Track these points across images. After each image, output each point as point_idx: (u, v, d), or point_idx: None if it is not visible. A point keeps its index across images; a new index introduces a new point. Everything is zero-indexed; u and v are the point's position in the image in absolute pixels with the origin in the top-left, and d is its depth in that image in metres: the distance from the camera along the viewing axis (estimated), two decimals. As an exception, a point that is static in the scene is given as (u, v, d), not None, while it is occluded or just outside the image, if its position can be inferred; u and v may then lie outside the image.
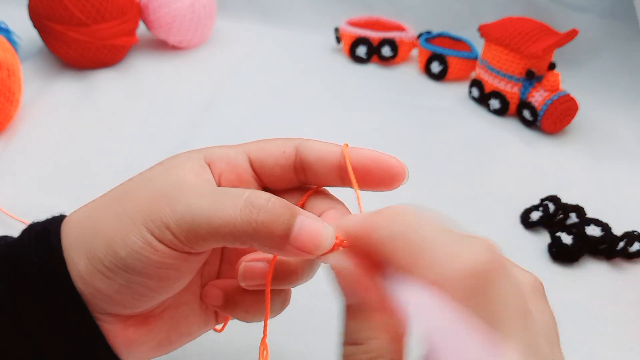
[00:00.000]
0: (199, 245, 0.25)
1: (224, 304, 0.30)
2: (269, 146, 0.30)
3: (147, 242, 0.24)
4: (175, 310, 0.29)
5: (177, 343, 0.30)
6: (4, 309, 0.25)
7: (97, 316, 0.26)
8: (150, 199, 0.25)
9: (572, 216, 0.52)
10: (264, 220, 0.24)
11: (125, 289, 0.25)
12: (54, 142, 0.61)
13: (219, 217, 0.24)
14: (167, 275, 0.26)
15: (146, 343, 0.28)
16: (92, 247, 0.25)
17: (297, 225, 0.24)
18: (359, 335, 0.22)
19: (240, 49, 0.82)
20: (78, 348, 0.26)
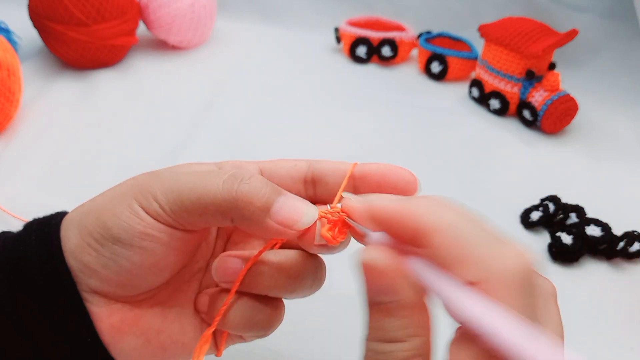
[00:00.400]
0: (183, 217, 0.25)
1: (208, 309, 0.29)
2: (282, 162, 0.31)
3: (134, 212, 0.25)
4: (168, 309, 0.29)
5: (170, 350, 0.29)
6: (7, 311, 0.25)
7: (85, 296, 0.26)
8: (144, 178, 0.27)
9: (572, 216, 0.52)
10: (245, 190, 0.25)
11: (111, 262, 0.26)
12: (54, 142, 0.61)
13: (202, 187, 0.25)
14: (153, 250, 0.26)
15: (133, 335, 0.28)
16: (85, 222, 0.26)
17: (280, 202, 0.25)
18: (398, 333, 0.21)
19: (240, 49, 0.82)
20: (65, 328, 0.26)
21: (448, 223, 0.21)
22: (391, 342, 0.21)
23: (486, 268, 0.20)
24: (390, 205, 0.23)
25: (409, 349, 0.21)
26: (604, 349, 0.42)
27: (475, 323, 0.19)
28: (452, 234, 0.21)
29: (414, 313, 0.22)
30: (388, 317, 0.22)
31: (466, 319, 0.20)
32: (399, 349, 0.21)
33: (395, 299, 0.22)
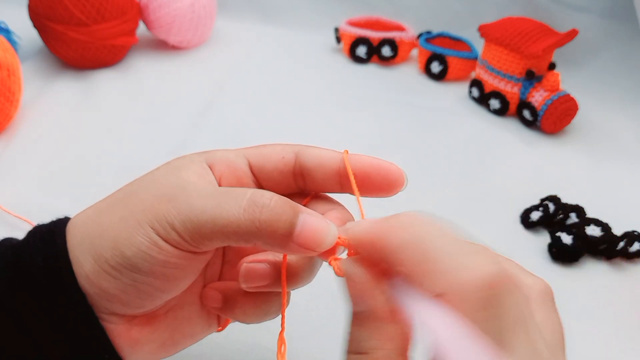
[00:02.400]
0: (204, 244, 0.25)
1: (223, 305, 0.30)
2: (268, 151, 0.30)
3: (153, 242, 0.25)
4: (180, 311, 0.30)
5: (181, 344, 0.30)
6: (8, 309, 0.25)
7: (102, 316, 0.26)
8: (155, 199, 0.26)
9: (572, 216, 0.52)
10: (267, 219, 0.24)
11: (131, 288, 0.25)
12: (54, 142, 0.61)
13: (223, 217, 0.24)
14: (173, 275, 0.26)
15: (150, 343, 0.28)
16: (98, 248, 0.25)
17: (300, 223, 0.24)
18: (364, 344, 0.22)
19: (240, 49, 0.82)
20: (82, 349, 0.26)
21: (414, 238, 0.21)
22: (360, 354, 0.22)
23: (446, 281, 0.20)
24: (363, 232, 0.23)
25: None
26: (604, 349, 0.42)
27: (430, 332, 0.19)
28: (417, 249, 0.21)
29: (381, 325, 0.22)
30: (356, 328, 0.22)
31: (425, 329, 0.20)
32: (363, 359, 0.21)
33: (364, 309, 0.22)
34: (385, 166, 0.28)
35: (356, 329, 0.22)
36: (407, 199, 0.50)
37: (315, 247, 0.25)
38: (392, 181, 0.28)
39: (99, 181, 0.55)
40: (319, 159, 0.29)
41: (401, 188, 0.28)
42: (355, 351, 0.22)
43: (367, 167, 0.28)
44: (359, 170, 0.28)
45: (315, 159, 0.29)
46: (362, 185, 0.28)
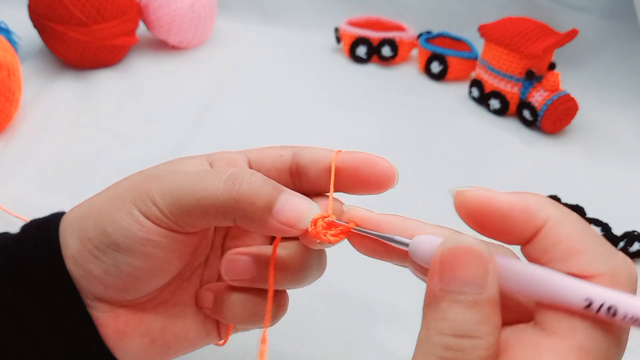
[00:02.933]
0: (184, 220, 0.25)
1: (213, 306, 0.29)
2: (268, 150, 0.30)
3: (134, 218, 0.25)
4: (171, 308, 0.29)
5: (174, 347, 0.29)
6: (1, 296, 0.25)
7: (88, 303, 0.26)
8: (142, 179, 0.26)
9: (572, 216, 0.52)
10: (246, 190, 0.24)
11: (113, 269, 0.25)
12: (54, 142, 0.61)
13: (202, 189, 0.24)
14: (154, 255, 0.26)
15: (138, 337, 0.28)
16: (84, 228, 0.26)
17: (281, 200, 0.24)
18: (475, 329, 0.20)
19: (240, 49, 0.82)
20: (69, 335, 0.26)
21: (565, 218, 0.21)
22: (468, 337, 0.20)
23: (606, 262, 0.20)
24: (501, 198, 0.22)
25: (484, 347, 0.20)
26: (604, 349, 0.42)
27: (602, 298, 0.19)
28: (569, 228, 0.21)
29: (495, 310, 0.20)
30: (468, 310, 0.20)
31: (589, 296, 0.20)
32: (474, 345, 0.20)
33: (482, 291, 0.20)
34: (374, 160, 0.28)
35: (463, 311, 0.20)
36: (406, 199, 0.50)
37: (295, 225, 0.24)
38: (382, 176, 0.27)
39: (98, 181, 0.55)
40: (313, 157, 0.29)
41: (393, 184, 0.28)
42: (461, 334, 0.20)
43: (357, 162, 0.28)
44: (349, 165, 0.28)
45: (310, 157, 0.29)
46: (352, 182, 0.28)
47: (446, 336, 0.20)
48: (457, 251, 0.21)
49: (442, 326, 0.20)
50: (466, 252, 0.20)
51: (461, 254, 0.20)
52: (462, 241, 0.21)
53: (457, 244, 0.21)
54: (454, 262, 0.20)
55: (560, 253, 0.21)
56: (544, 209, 0.21)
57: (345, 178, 0.28)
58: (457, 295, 0.20)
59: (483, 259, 0.20)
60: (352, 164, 0.28)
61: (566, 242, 0.21)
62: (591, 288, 0.20)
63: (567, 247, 0.21)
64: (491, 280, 0.20)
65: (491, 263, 0.20)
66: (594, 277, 0.20)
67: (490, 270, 0.20)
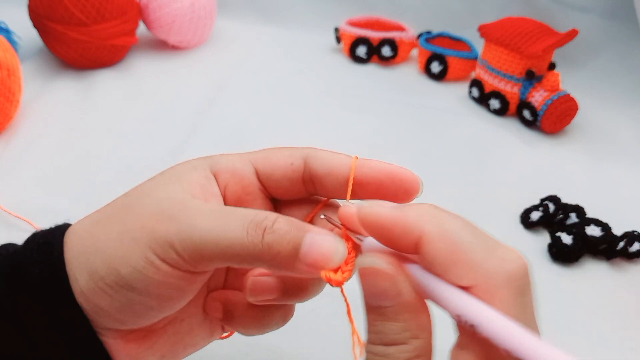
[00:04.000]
0: (203, 265, 0.24)
1: (223, 316, 0.29)
2: (277, 157, 0.29)
3: (150, 262, 0.24)
4: (179, 324, 0.29)
5: (182, 354, 0.29)
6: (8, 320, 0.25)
7: (99, 331, 0.26)
8: (154, 216, 0.25)
9: (572, 216, 0.52)
10: (270, 241, 0.23)
11: (126, 307, 0.25)
12: (54, 142, 0.60)
13: (225, 239, 0.23)
14: (169, 295, 0.25)
15: (149, 357, 0.28)
16: (94, 265, 0.25)
17: (307, 242, 0.23)
18: (399, 336, 0.21)
19: (240, 49, 0.82)
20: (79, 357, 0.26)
21: (441, 229, 0.21)
22: (392, 345, 0.21)
23: (477, 272, 0.21)
24: (384, 213, 0.22)
25: (409, 351, 0.21)
26: (604, 349, 0.42)
27: (474, 321, 0.20)
28: (445, 240, 0.21)
29: (414, 315, 0.22)
30: (388, 321, 0.22)
31: (466, 318, 0.20)
32: (400, 350, 0.21)
33: (395, 303, 0.22)
34: (400, 173, 0.27)
35: (383, 322, 0.22)
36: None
37: (325, 266, 0.24)
38: (408, 189, 0.27)
39: (99, 181, 0.55)
40: (329, 166, 0.28)
41: (417, 195, 0.28)
42: (386, 343, 0.21)
43: (382, 174, 0.27)
44: (373, 177, 0.27)
45: (325, 166, 0.28)
46: (376, 192, 0.27)
47: (374, 345, 0.22)
48: (364, 271, 0.22)
49: (373, 338, 0.22)
50: (370, 271, 0.22)
51: (369, 272, 0.22)
52: (367, 262, 0.22)
53: (363, 265, 0.22)
54: (366, 279, 0.22)
55: (441, 265, 0.21)
56: (421, 222, 0.22)
57: (367, 189, 0.27)
58: (377, 309, 0.22)
59: (385, 274, 0.22)
60: (376, 176, 0.27)
61: (441, 257, 0.21)
62: (460, 302, 0.21)
63: (445, 259, 0.21)
64: (403, 289, 0.22)
65: (397, 275, 0.22)
66: (472, 287, 0.21)
67: (398, 281, 0.22)
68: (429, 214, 0.22)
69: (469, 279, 0.21)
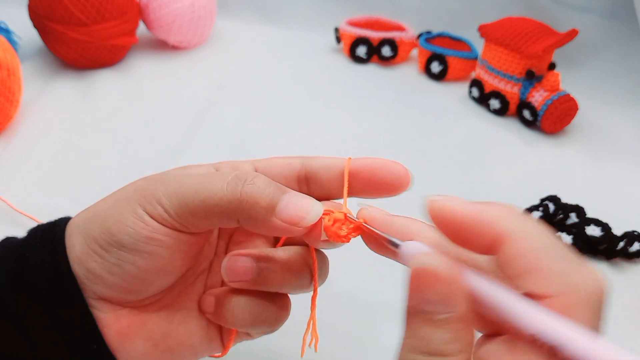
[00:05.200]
0: (189, 220, 0.25)
1: (215, 310, 0.29)
2: (275, 159, 0.31)
3: (138, 217, 0.25)
4: (174, 312, 0.29)
5: (177, 353, 0.29)
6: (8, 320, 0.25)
7: (91, 302, 0.26)
8: (147, 183, 0.27)
9: (572, 216, 0.52)
10: (250, 191, 0.25)
11: (116, 268, 0.26)
12: (54, 142, 0.61)
13: (207, 189, 0.25)
14: (158, 254, 0.26)
15: (140, 340, 0.28)
16: (89, 229, 0.26)
17: (285, 199, 0.25)
18: (445, 348, 0.20)
19: (240, 49, 0.82)
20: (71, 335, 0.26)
21: (526, 232, 0.21)
22: (437, 356, 0.20)
23: (562, 282, 0.20)
24: (462, 207, 0.22)
25: None
26: (604, 349, 0.42)
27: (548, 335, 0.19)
28: (529, 243, 0.20)
29: (465, 328, 0.20)
30: (437, 329, 0.20)
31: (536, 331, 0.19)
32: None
33: (450, 310, 0.20)
34: (390, 165, 0.28)
35: (433, 329, 0.20)
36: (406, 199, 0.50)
37: (299, 222, 0.25)
38: (397, 180, 0.28)
39: (99, 181, 0.55)
40: (324, 164, 0.29)
41: (407, 187, 0.28)
42: (431, 353, 0.20)
43: (372, 167, 0.28)
44: (364, 170, 0.28)
45: (321, 164, 0.30)
46: (367, 186, 0.29)
47: (414, 354, 0.20)
48: (423, 271, 0.21)
49: (414, 344, 0.20)
50: (430, 272, 0.21)
51: (427, 274, 0.21)
52: (426, 262, 0.21)
53: (422, 264, 0.21)
54: (421, 281, 0.21)
55: (518, 269, 0.20)
56: (506, 221, 0.21)
57: (359, 183, 0.28)
58: (426, 314, 0.20)
59: (446, 280, 0.20)
60: (367, 169, 0.28)
61: (524, 257, 0.20)
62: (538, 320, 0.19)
63: (525, 263, 0.20)
64: (458, 299, 0.20)
65: (456, 282, 0.20)
66: (550, 297, 0.20)
67: (456, 290, 0.20)
68: (512, 213, 0.21)
69: (550, 288, 0.19)
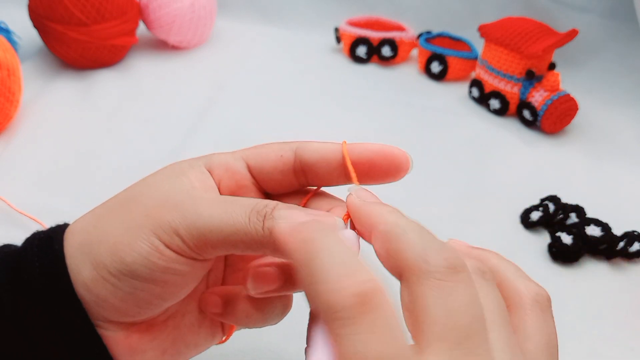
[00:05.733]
0: (208, 251, 0.25)
1: (223, 310, 0.29)
2: (266, 151, 0.29)
3: (155, 248, 0.24)
4: (181, 319, 0.29)
5: (184, 353, 0.29)
6: (6, 316, 0.25)
7: (99, 324, 0.26)
8: (159, 205, 0.25)
9: (572, 216, 0.52)
10: (271, 226, 0.24)
11: (129, 296, 0.25)
12: (54, 142, 0.61)
13: (229, 225, 0.24)
14: (173, 282, 0.25)
15: (150, 352, 0.28)
16: (97, 255, 0.25)
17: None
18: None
19: (240, 49, 0.82)
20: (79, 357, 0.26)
21: (309, 254, 0.21)
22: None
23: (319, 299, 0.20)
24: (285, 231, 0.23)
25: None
26: (604, 349, 0.42)
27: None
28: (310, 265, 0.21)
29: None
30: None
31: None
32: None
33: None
34: (388, 150, 0.28)
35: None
36: (406, 199, 0.50)
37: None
38: (397, 164, 0.28)
39: (99, 181, 0.55)
40: (319, 153, 0.28)
41: (407, 171, 0.28)
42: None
43: (370, 153, 0.28)
44: (362, 157, 0.28)
45: (316, 154, 0.28)
46: (367, 173, 0.28)
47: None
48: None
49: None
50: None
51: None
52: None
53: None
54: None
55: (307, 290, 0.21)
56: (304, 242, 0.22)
57: (362, 170, 0.28)
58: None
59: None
60: (366, 155, 0.28)
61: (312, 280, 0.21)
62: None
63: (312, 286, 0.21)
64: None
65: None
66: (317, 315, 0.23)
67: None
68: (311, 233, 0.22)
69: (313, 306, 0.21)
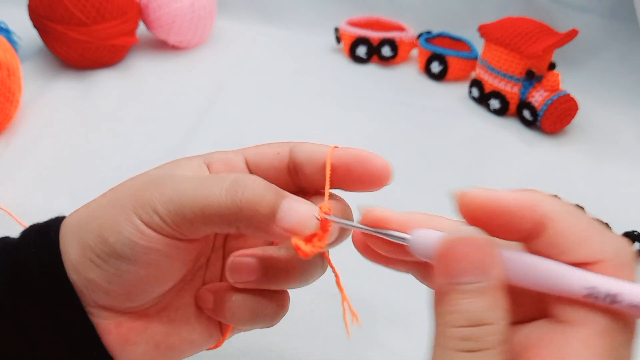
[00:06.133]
0: (187, 228, 0.25)
1: (214, 306, 0.29)
2: (265, 148, 0.30)
3: (136, 227, 0.24)
4: (174, 311, 0.29)
5: (179, 350, 0.29)
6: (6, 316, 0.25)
7: (91, 310, 0.26)
8: (142, 185, 0.26)
9: (572, 216, 0.52)
10: (249, 198, 0.24)
11: (116, 277, 0.25)
12: (54, 142, 0.61)
13: (205, 197, 0.24)
14: (157, 263, 0.25)
15: (142, 343, 0.28)
16: (84, 236, 0.25)
17: (285, 206, 0.24)
18: (487, 315, 0.20)
19: (240, 49, 0.82)
20: (70, 343, 0.26)
21: (566, 211, 0.21)
22: (479, 325, 0.20)
23: (605, 249, 0.21)
24: (499, 198, 0.22)
25: (500, 332, 0.20)
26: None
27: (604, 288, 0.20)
28: (573, 220, 0.21)
29: (502, 295, 0.20)
30: (476, 298, 0.20)
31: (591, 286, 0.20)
32: (491, 331, 0.20)
33: (486, 278, 0.20)
34: (367, 157, 0.27)
35: (470, 300, 0.20)
36: (406, 199, 0.50)
37: (299, 232, 0.24)
38: (375, 173, 0.27)
39: (98, 181, 0.55)
40: (309, 154, 0.28)
41: (387, 182, 0.27)
42: (472, 323, 0.20)
43: (350, 159, 0.27)
44: (342, 162, 0.27)
45: (306, 154, 0.28)
46: (346, 179, 0.27)
47: (460, 328, 0.20)
48: (457, 242, 0.21)
49: (455, 318, 0.20)
50: (466, 241, 0.21)
51: (462, 244, 0.21)
52: (461, 232, 0.21)
53: (456, 235, 0.21)
54: (455, 253, 0.21)
55: (566, 244, 0.21)
56: (545, 203, 0.21)
57: (340, 175, 0.27)
58: (463, 285, 0.20)
59: (483, 246, 0.21)
60: (346, 161, 0.27)
61: (571, 232, 0.21)
62: (591, 277, 0.20)
63: (572, 237, 0.21)
64: (495, 266, 0.20)
65: (493, 249, 0.21)
66: (600, 262, 0.21)
67: (493, 256, 0.21)
68: (546, 196, 0.22)
69: (592, 255, 0.21)
